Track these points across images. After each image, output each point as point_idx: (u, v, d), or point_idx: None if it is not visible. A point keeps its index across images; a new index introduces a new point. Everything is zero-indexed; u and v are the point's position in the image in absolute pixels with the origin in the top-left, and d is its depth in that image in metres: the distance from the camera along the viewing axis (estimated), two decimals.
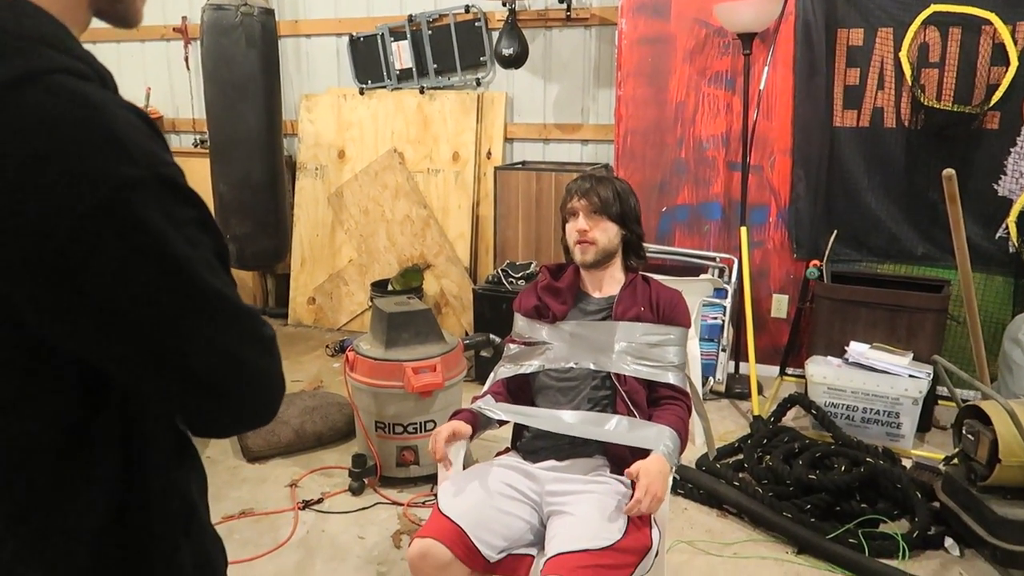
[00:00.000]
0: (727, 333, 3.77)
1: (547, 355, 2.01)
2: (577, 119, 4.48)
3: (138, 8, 0.80)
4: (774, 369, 4.02)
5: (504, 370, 2.08)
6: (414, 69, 4.67)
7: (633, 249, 2.06)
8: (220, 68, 4.00)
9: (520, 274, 4.00)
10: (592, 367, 1.95)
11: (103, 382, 0.72)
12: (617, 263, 2.05)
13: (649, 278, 2.08)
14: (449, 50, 4.59)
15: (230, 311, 0.73)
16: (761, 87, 3.80)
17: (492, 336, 3.67)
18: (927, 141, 3.61)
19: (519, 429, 2.05)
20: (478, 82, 4.60)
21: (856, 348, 3.32)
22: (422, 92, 4.67)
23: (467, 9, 4.49)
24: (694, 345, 2.39)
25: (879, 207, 3.74)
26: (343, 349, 4.23)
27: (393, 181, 4.72)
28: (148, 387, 0.73)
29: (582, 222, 1.98)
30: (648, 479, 1.73)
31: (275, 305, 5.18)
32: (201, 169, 4.30)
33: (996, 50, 3.45)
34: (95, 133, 0.64)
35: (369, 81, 4.79)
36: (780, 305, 4.01)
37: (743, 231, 3.79)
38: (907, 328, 3.38)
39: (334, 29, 4.83)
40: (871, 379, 3.21)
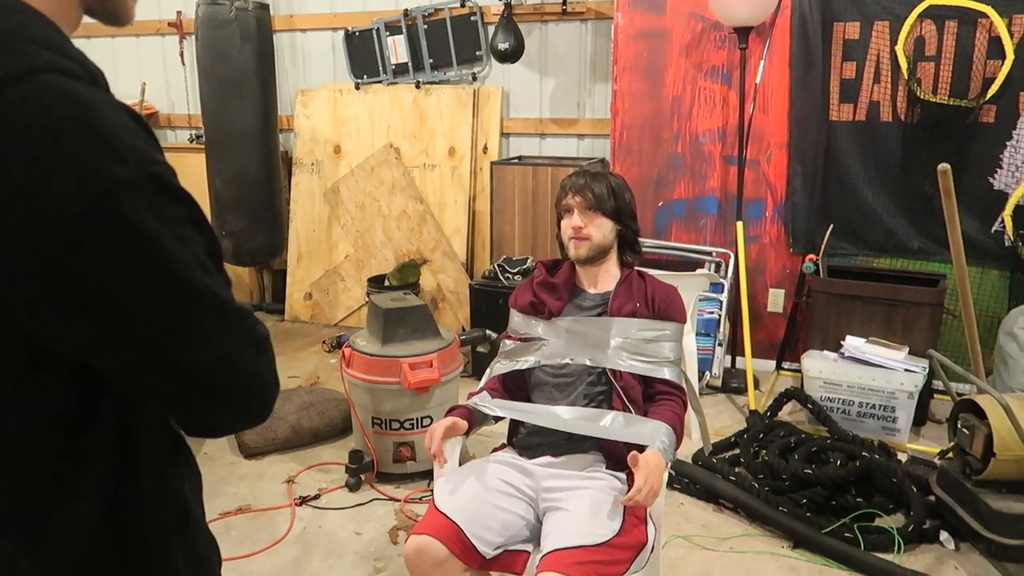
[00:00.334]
0: (723, 328, 3.77)
1: (543, 351, 2.01)
2: (573, 114, 4.47)
3: (129, 7, 0.80)
4: (770, 364, 4.03)
5: (500, 366, 2.08)
6: (410, 64, 4.65)
7: (628, 245, 2.06)
8: (215, 63, 3.99)
9: (516, 269, 3.99)
10: (588, 363, 1.95)
11: (101, 381, 0.72)
12: (612, 259, 2.05)
13: (645, 273, 2.07)
14: (445, 44, 4.57)
15: (222, 310, 0.73)
16: (757, 81, 3.79)
17: (488, 332, 3.67)
18: (923, 135, 3.61)
19: (515, 425, 2.05)
20: (474, 76, 4.59)
21: (852, 342, 3.33)
22: (418, 87, 4.66)
23: (463, 3, 4.48)
24: (690, 340, 2.40)
25: (875, 201, 3.75)
26: (340, 345, 4.22)
27: (389, 176, 4.71)
28: (141, 387, 0.73)
29: (577, 219, 1.97)
30: (647, 471, 1.72)
31: (271, 301, 5.17)
32: (197, 165, 4.29)
33: (992, 43, 3.44)
34: (85, 133, 0.64)
35: (365, 76, 4.77)
36: (776, 299, 4.01)
37: (739, 225, 3.79)
38: (903, 322, 3.39)
39: (329, 24, 4.82)
40: (867, 373, 3.22)
